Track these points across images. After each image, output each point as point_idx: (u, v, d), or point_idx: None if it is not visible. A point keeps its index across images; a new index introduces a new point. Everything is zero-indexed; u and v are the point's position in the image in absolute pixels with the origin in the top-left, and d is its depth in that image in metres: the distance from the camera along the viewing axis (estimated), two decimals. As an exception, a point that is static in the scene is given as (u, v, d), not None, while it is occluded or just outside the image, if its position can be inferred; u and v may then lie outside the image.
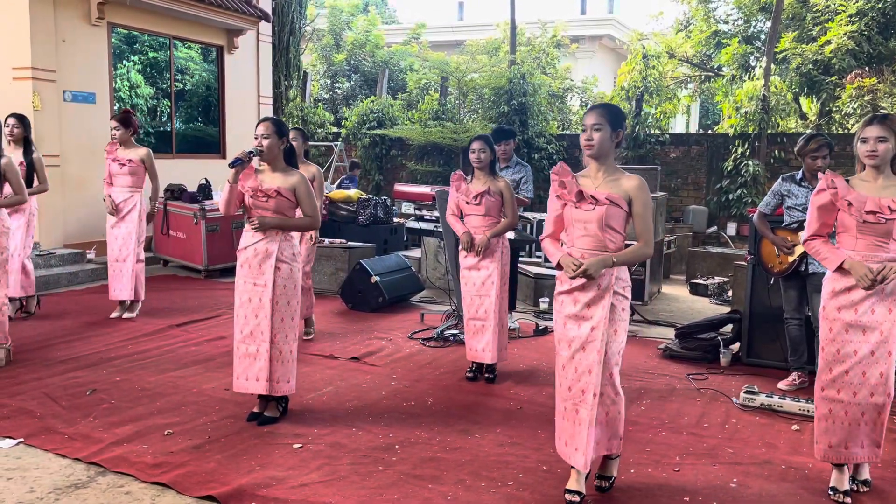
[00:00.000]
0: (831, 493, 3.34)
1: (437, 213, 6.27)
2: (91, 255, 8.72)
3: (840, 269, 3.28)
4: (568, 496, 3.20)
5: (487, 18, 21.12)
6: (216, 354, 5.39)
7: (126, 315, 6.47)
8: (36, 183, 6.24)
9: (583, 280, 3.15)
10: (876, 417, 3.28)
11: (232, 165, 3.97)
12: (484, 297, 4.85)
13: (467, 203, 4.89)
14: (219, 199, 9.08)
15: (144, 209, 6.45)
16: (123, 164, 6.30)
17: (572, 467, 3.22)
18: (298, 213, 4.11)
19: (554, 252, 3.29)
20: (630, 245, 3.20)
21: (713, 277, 8.75)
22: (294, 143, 5.76)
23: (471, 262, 4.90)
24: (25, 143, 6.25)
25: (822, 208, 3.34)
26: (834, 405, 3.30)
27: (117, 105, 9.60)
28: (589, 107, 3.27)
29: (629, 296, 3.26)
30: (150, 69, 10.20)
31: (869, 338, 3.22)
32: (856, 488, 3.38)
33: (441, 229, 6.14)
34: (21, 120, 6.24)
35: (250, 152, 3.99)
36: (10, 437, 3.76)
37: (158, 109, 10.44)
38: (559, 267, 3.23)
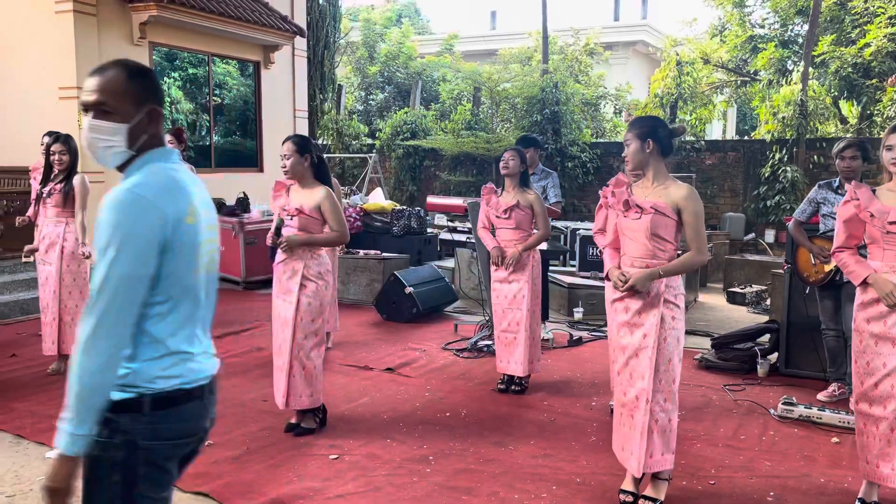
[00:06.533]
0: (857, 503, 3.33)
1: (469, 224, 6.30)
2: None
3: (865, 283, 3.23)
4: (622, 496, 3.31)
5: (520, 27, 21.11)
6: (254, 366, 5.50)
7: None
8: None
9: None
10: None
11: (272, 257, 4.18)
12: (515, 311, 4.86)
13: (497, 217, 4.91)
14: (256, 212, 9.27)
15: None
16: None
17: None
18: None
19: (607, 262, 3.39)
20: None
21: (751, 286, 8.63)
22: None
23: (501, 276, 4.91)
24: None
25: (848, 221, 3.29)
26: (867, 420, 3.22)
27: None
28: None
29: (682, 304, 3.25)
30: (189, 85, 10.46)
31: None
32: None
33: (473, 240, 6.18)
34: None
35: (277, 228, 4.12)
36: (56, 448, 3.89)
37: (198, 124, 10.69)
38: (608, 278, 3.31)
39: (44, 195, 5.27)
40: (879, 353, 3.16)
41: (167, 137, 6.58)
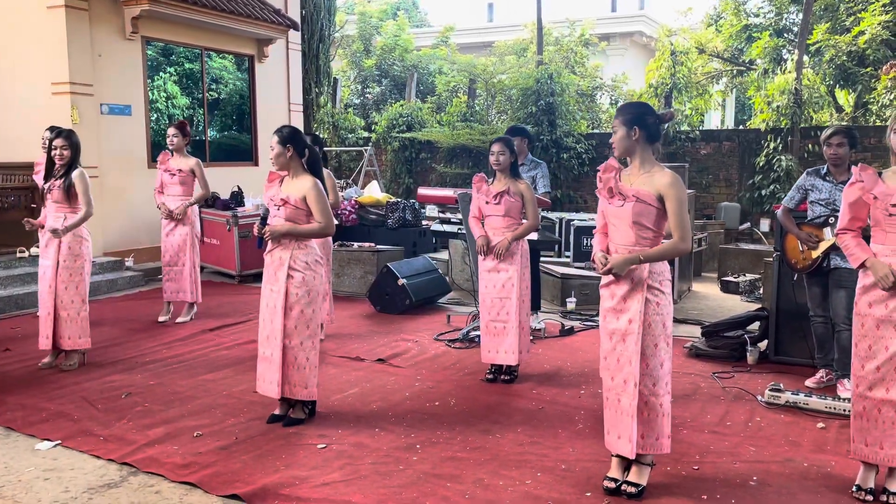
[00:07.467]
0: (854, 490, 3.29)
1: (460, 216, 6.33)
2: (129, 262, 8.98)
3: (864, 266, 3.25)
4: (605, 482, 3.33)
5: (517, 19, 21.09)
6: (246, 358, 5.52)
7: (180, 319, 6.72)
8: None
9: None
10: None
11: (259, 246, 4.22)
12: (504, 300, 4.85)
13: (487, 203, 4.90)
14: (251, 205, 9.28)
15: (195, 217, 6.72)
16: (174, 174, 6.59)
17: (613, 456, 3.36)
18: None
19: (595, 246, 3.42)
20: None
21: (744, 275, 8.65)
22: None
23: (490, 265, 4.91)
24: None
25: (853, 203, 3.30)
26: (867, 403, 3.22)
27: (154, 116, 9.88)
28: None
29: (667, 290, 3.25)
30: (185, 79, 10.46)
31: None
32: (885, 499, 3.23)
33: (465, 231, 6.20)
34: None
35: (263, 218, 4.16)
36: (48, 440, 3.93)
37: (193, 119, 10.70)
38: (594, 261, 3.35)
39: (45, 191, 5.27)
40: (882, 336, 3.18)
41: (171, 131, 6.63)
